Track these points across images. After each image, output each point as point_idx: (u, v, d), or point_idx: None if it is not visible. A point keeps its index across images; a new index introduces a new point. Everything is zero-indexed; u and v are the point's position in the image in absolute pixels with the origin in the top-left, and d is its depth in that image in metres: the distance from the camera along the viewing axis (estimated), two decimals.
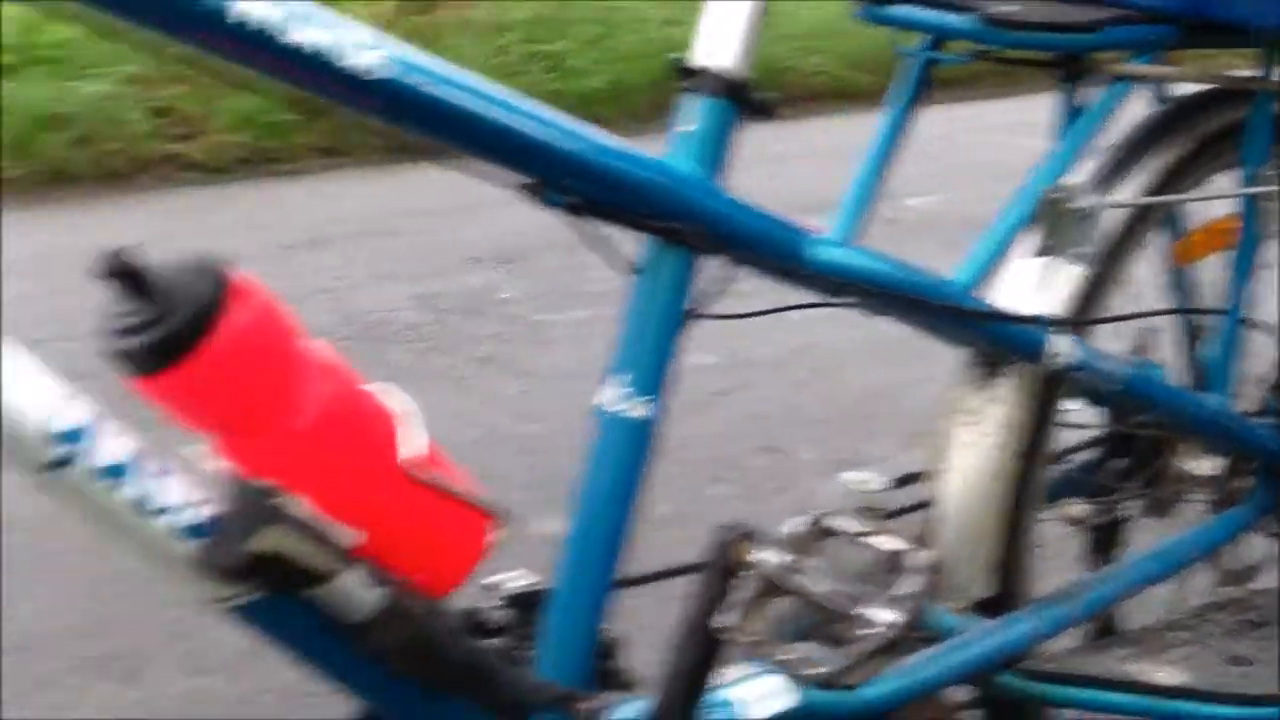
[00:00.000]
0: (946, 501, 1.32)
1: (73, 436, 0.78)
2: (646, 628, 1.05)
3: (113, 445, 0.80)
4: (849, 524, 1.10)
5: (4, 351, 0.77)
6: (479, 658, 0.94)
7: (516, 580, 1.02)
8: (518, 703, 0.96)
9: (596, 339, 1.19)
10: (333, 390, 0.88)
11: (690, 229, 0.99)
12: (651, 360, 1.01)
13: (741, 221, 1.03)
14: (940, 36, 1.29)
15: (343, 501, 0.87)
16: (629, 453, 1.01)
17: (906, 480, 1.32)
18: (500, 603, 1.00)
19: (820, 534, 1.09)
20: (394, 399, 0.93)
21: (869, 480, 1.25)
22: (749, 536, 1.02)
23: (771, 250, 1.06)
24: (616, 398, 0.99)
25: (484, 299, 3.07)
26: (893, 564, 1.08)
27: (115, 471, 0.79)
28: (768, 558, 1.02)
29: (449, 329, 2.91)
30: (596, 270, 1.02)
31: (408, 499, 0.90)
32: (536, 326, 2.94)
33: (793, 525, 1.09)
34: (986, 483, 1.31)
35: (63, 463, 0.78)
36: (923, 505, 1.33)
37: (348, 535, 0.86)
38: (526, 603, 1.01)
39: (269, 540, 0.83)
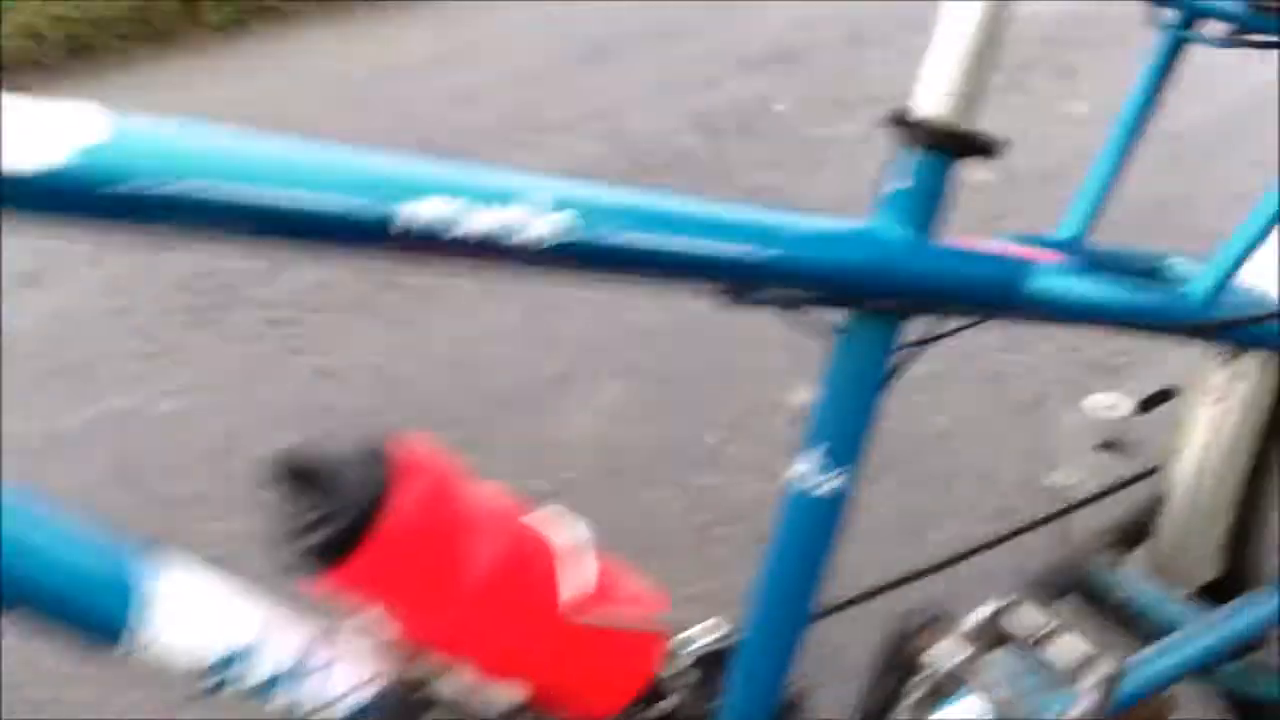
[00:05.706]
0: (1181, 479, 1.28)
1: (228, 662, 0.77)
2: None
3: (275, 652, 0.78)
4: (1031, 620, 1.03)
5: (168, 569, 0.75)
6: None
7: (705, 636, 0.98)
8: None
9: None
10: (500, 546, 0.85)
11: (901, 298, 0.90)
12: (850, 428, 0.93)
13: (955, 274, 0.92)
14: (1197, 15, 1.11)
15: (506, 657, 0.86)
16: (821, 529, 0.94)
17: (1153, 402, 1.27)
18: (687, 662, 0.97)
19: (999, 638, 1.02)
20: (561, 527, 0.89)
21: (1115, 404, 1.22)
22: (930, 627, 0.97)
23: (988, 295, 0.95)
24: (811, 473, 0.92)
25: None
26: (1074, 674, 1.02)
27: (272, 683, 0.79)
28: (945, 654, 0.97)
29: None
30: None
31: (571, 643, 0.88)
32: None
33: (974, 617, 1.03)
34: (1225, 460, 1.27)
35: (219, 686, 0.76)
36: (1150, 473, 1.27)
37: (509, 693, 0.85)
38: (713, 660, 0.98)
39: None
